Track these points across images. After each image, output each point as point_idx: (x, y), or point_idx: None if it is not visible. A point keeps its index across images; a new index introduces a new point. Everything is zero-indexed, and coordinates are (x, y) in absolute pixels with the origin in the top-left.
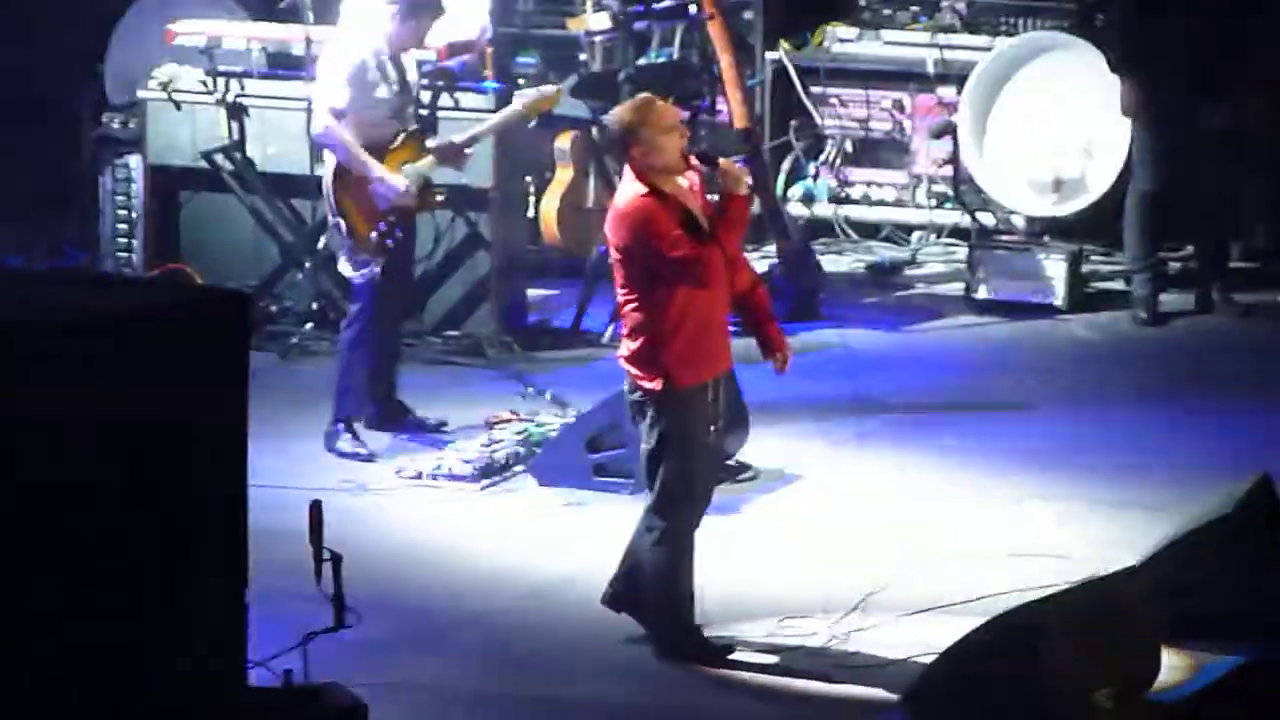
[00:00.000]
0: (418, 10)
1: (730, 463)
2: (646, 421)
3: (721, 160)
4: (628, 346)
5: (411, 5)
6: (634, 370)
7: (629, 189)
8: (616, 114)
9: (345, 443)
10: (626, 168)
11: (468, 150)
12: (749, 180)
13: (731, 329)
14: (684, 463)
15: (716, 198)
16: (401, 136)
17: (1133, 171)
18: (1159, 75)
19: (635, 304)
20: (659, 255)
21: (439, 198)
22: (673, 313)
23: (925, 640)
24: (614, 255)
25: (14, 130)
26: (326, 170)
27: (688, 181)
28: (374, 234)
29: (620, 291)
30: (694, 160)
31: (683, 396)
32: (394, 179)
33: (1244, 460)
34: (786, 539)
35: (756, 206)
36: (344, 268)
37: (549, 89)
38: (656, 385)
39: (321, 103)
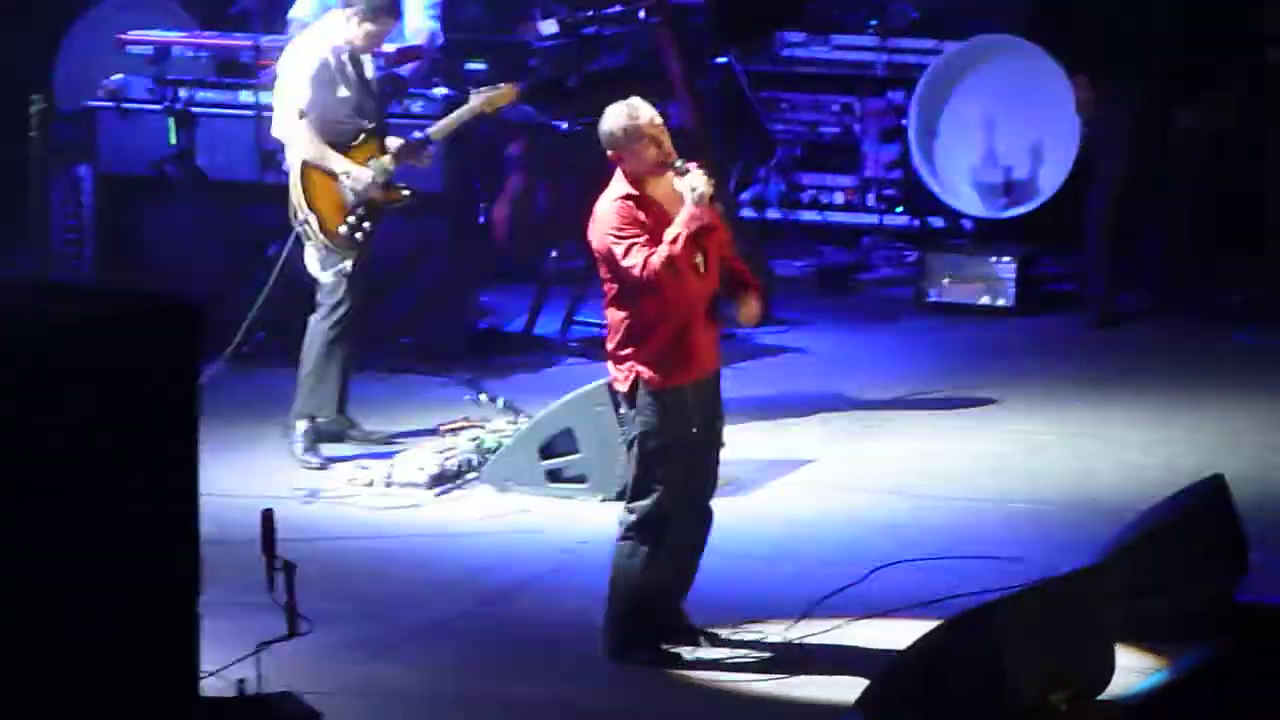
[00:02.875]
0: (375, 14)
1: None
2: (624, 418)
3: (689, 176)
4: (609, 345)
5: (369, 8)
6: (612, 369)
7: (611, 190)
8: (604, 117)
9: (302, 441)
10: (616, 170)
11: (429, 146)
12: (709, 193)
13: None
14: (653, 463)
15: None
16: (363, 134)
17: (1094, 174)
18: (1120, 76)
19: (614, 302)
20: (617, 260)
21: (405, 192)
22: (648, 314)
23: (881, 643)
24: (595, 253)
25: None
26: (292, 171)
27: (677, 186)
28: (344, 227)
29: (604, 290)
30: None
31: (658, 396)
32: (360, 171)
33: (1196, 463)
34: (741, 542)
35: None
36: (311, 265)
37: (505, 86)
38: (625, 385)
39: (286, 103)
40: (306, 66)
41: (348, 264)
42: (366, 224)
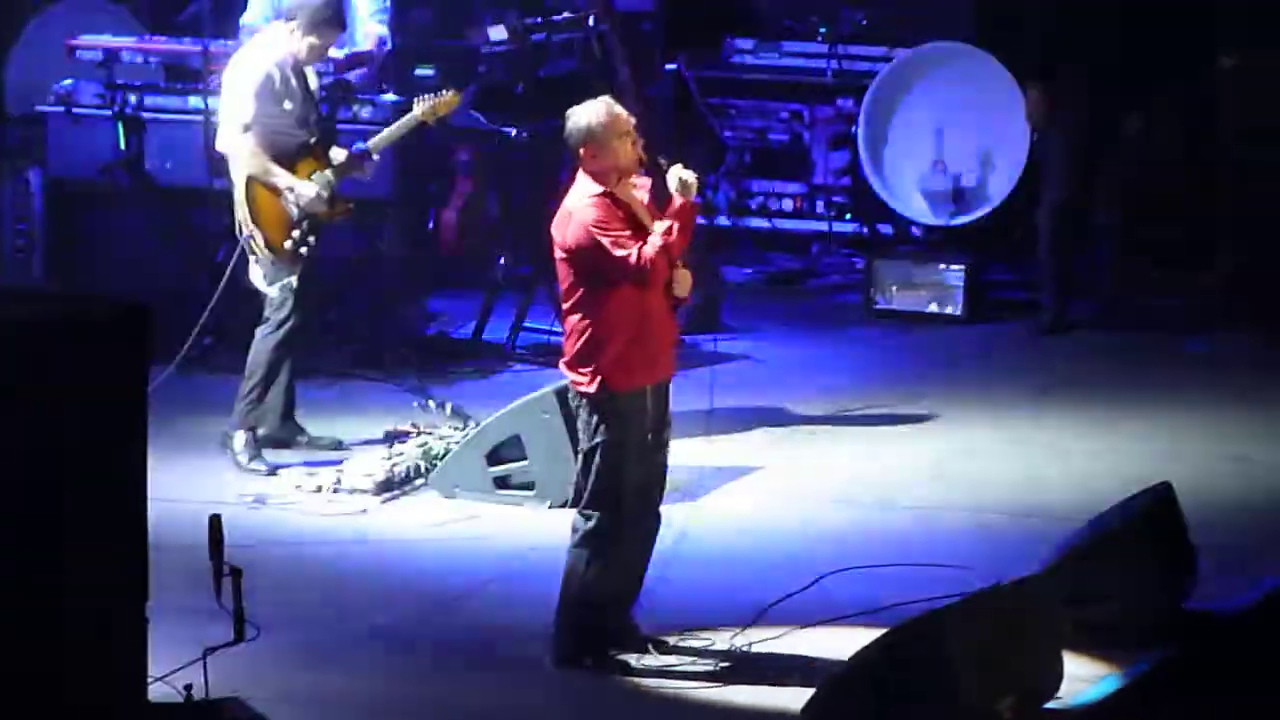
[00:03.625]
0: (318, 26)
1: None
2: (582, 422)
3: (673, 169)
4: (567, 350)
5: (312, 22)
6: (571, 374)
7: (581, 189)
8: (575, 114)
9: (244, 450)
10: (579, 170)
11: (372, 158)
12: (695, 185)
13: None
14: (612, 468)
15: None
16: (306, 147)
17: (1044, 181)
18: (1070, 86)
19: (575, 306)
20: (607, 254)
21: (349, 206)
22: (611, 317)
23: (827, 651)
24: (559, 255)
25: None
26: (237, 185)
27: (639, 190)
28: (289, 243)
29: (561, 294)
30: (646, 163)
31: (618, 401)
32: (304, 185)
33: (1145, 470)
34: (689, 550)
35: None
36: (256, 279)
37: (447, 94)
38: (592, 389)
39: (231, 117)
40: (250, 80)
41: (293, 279)
42: (311, 239)
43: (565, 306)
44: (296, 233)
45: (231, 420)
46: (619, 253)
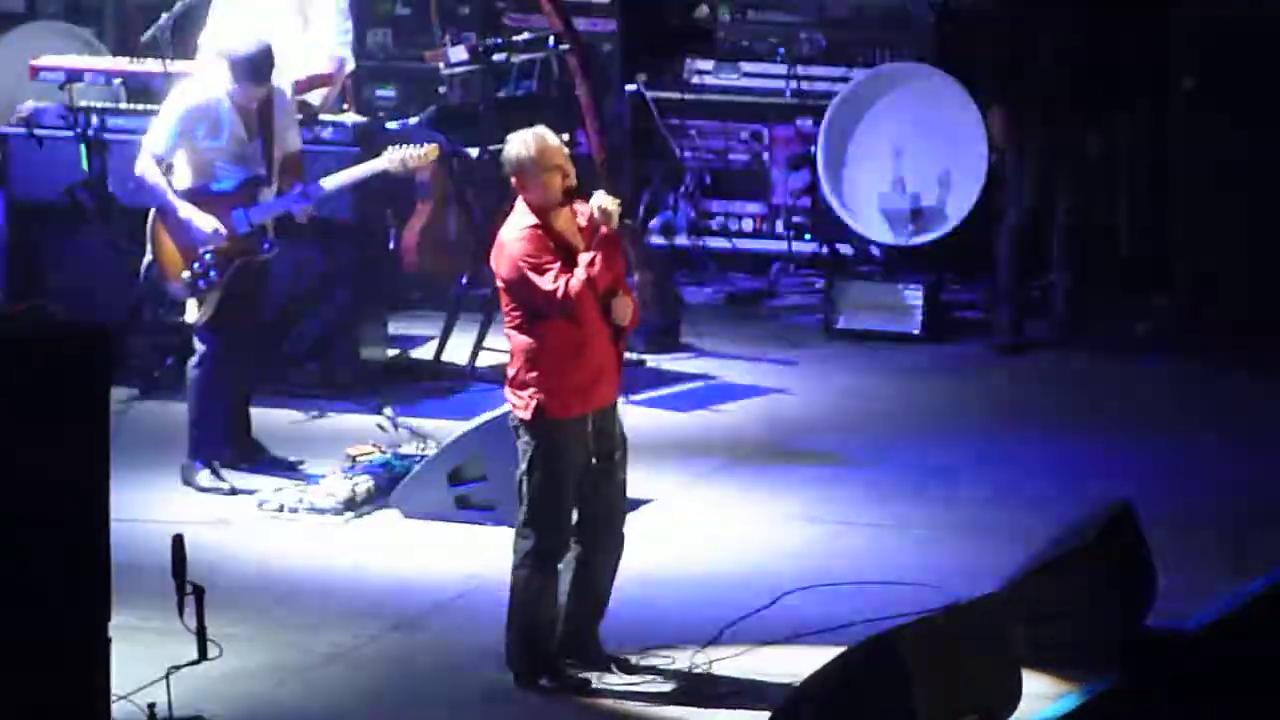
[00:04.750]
0: (238, 78)
1: None
2: (520, 445)
3: (594, 197)
4: (508, 372)
5: (233, 71)
6: (509, 397)
7: (515, 220)
8: (509, 143)
9: (205, 478)
10: (517, 199)
11: (305, 208)
12: (617, 213)
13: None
14: (548, 490)
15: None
16: (239, 181)
17: (1006, 200)
18: (1031, 105)
19: (516, 330)
20: (534, 287)
21: (262, 257)
22: (549, 344)
23: (787, 669)
24: (498, 283)
25: None
26: (150, 211)
27: (579, 217)
28: (186, 273)
29: (504, 318)
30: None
31: (552, 426)
32: (202, 219)
33: (1104, 488)
34: (648, 569)
35: None
36: (190, 314)
37: (425, 148)
38: (527, 415)
39: (146, 143)
40: (174, 111)
41: (202, 311)
42: (213, 273)
43: (506, 332)
44: (196, 265)
45: (189, 455)
46: (544, 286)
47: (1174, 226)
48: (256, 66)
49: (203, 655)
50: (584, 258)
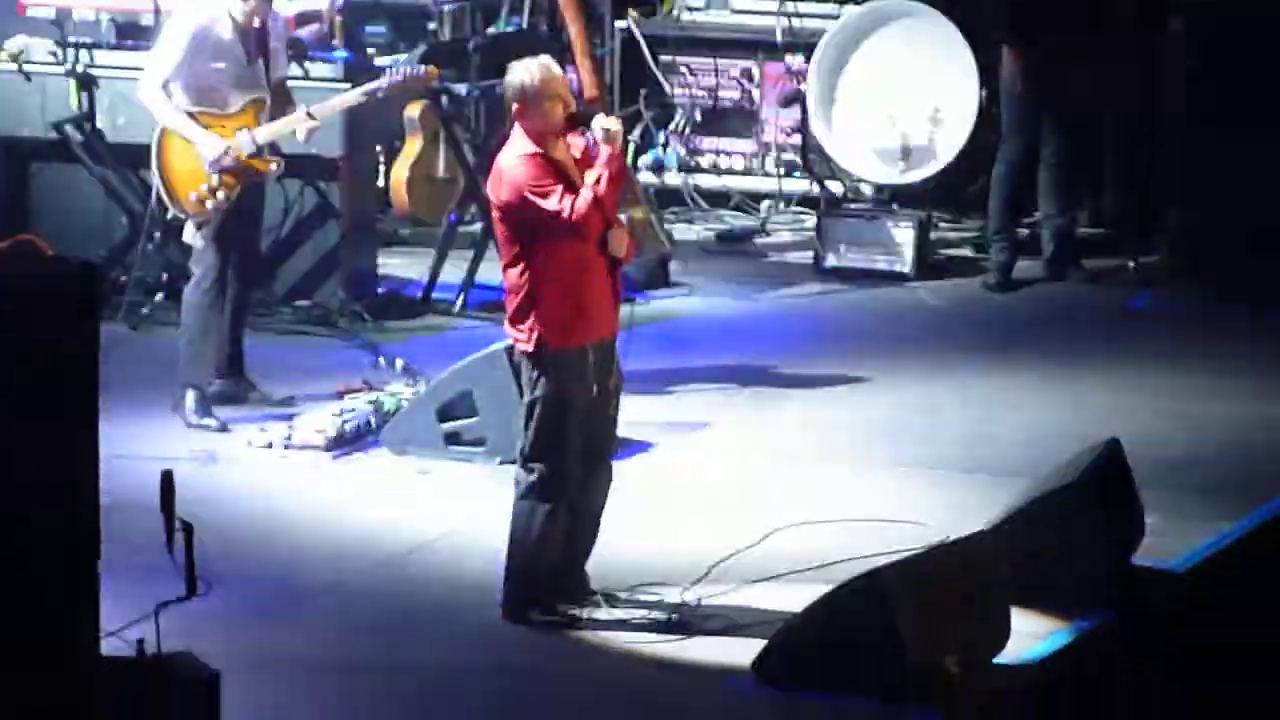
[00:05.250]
0: None
1: None
2: (524, 378)
3: (596, 119)
4: (508, 306)
5: None
6: (511, 330)
7: (514, 147)
8: (512, 70)
9: (193, 412)
10: (515, 127)
11: (311, 121)
12: (620, 132)
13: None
14: (553, 422)
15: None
16: (242, 103)
17: (1002, 139)
18: (1038, 46)
19: (512, 263)
20: (539, 210)
21: (272, 166)
22: (547, 274)
23: (776, 605)
24: (495, 213)
25: None
26: (154, 135)
27: (574, 149)
28: (193, 194)
29: (500, 251)
30: (571, 123)
31: (556, 357)
32: (211, 140)
33: (1092, 427)
34: (638, 506)
35: None
36: (186, 234)
37: (427, 69)
38: (530, 345)
39: (150, 67)
40: (180, 33)
41: (205, 231)
42: (220, 193)
43: (503, 263)
44: (204, 186)
45: (179, 378)
46: (550, 206)
47: (1164, 165)
48: None
49: (191, 592)
50: (590, 175)
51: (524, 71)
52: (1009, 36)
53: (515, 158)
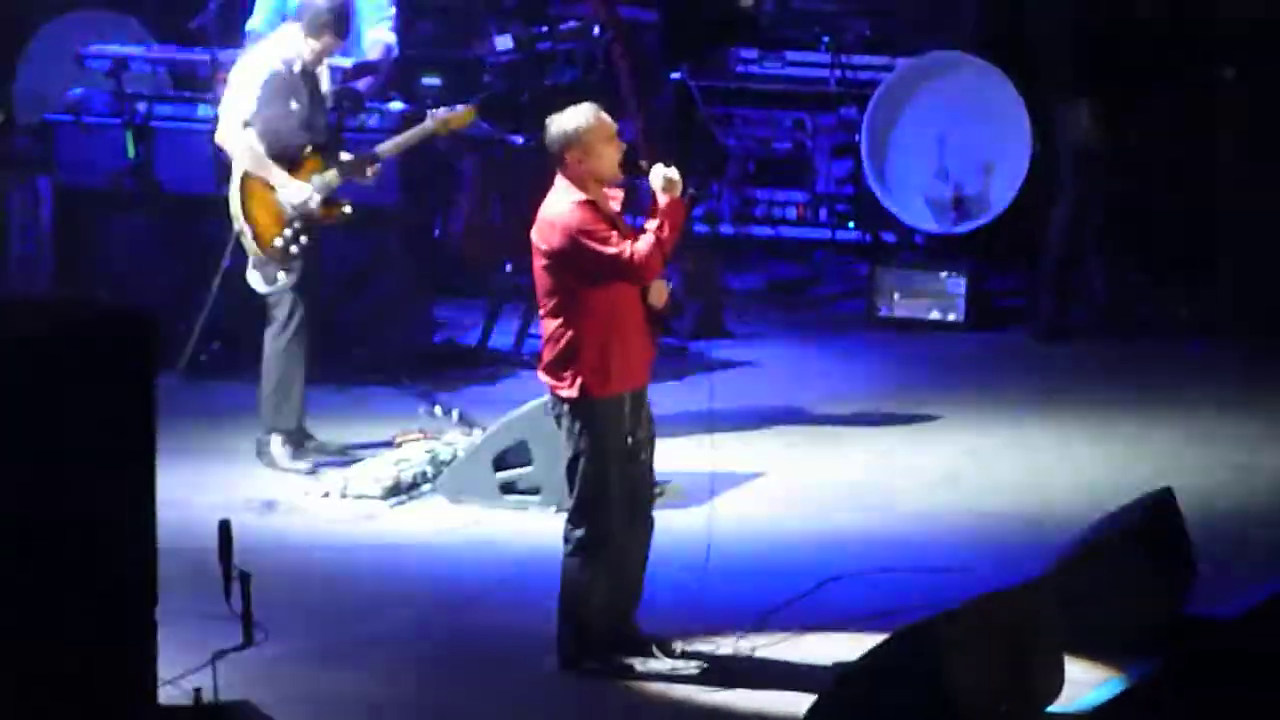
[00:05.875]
0: (319, 30)
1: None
2: (564, 430)
3: (655, 168)
4: (545, 356)
5: (313, 24)
6: (550, 379)
7: (562, 196)
8: (560, 118)
9: (282, 454)
10: (559, 175)
11: (377, 161)
12: (680, 182)
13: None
14: (596, 476)
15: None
16: (310, 148)
17: (1057, 189)
18: (1099, 97)
19: (554, 313)
20: (598, 255)
21: (346, 210)
22: (591, 323)
23: (830, 656)
24: (540, 262)
25: None
26: (233, 180)
27: (614, 201)
28: (279, 240)
29: (541, 301)
30: (626, 170)
31: (598, 406)
32: (297, 185)
33: (1144, 475)
34: (693, 554)
35: None
36: (253, 280)
37: (461, 108)
38: (573, 394)
39: (230, 111)
40: (255, 77)
41: (289, 278)
42: (303, 238)
43: (543, 313)
44: (288, 231)
45: (262, 424)
46: (609, 252)
47: (1220, 213)
48: (339, 18)
49: (248, 640)
50: (651, 223)
51: (579, 116)
52: (1070, 88)
53: (568, 204)
